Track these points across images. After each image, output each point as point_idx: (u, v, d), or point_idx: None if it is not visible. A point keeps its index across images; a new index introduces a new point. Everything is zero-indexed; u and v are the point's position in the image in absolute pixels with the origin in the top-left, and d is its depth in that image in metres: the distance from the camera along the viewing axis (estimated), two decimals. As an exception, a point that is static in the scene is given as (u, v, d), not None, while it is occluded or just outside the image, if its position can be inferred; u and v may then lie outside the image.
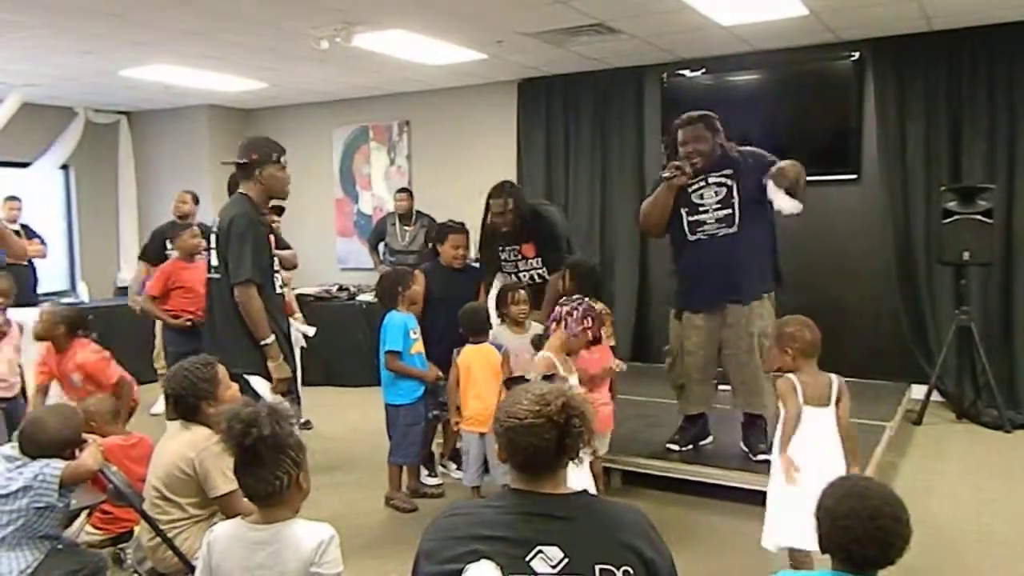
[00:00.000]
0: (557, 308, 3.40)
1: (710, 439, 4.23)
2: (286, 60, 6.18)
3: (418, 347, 4.01)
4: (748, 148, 3.95)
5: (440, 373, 4.01)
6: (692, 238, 3.90)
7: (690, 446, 4.18)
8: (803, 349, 2.91)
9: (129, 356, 6.75)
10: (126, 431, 3.41)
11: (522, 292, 4.07)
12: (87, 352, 3.83)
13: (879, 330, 5.94)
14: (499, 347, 3.92)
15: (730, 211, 3.81)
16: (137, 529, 3.25)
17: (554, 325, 3.37)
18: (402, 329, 3.93)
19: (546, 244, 4.32)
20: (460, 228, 4.34)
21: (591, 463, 3.53)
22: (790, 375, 2.92)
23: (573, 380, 3.26)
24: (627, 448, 4.10)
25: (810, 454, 2.80)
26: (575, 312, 3.32)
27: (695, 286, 3.98)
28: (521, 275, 4.38)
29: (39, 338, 3.93)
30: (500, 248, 4.39)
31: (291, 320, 4.90)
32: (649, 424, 4.35)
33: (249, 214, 3.39)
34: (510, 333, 4.03)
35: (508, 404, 1.61)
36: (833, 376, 2.94)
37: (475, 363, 3.87)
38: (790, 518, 2.73)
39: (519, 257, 4.37)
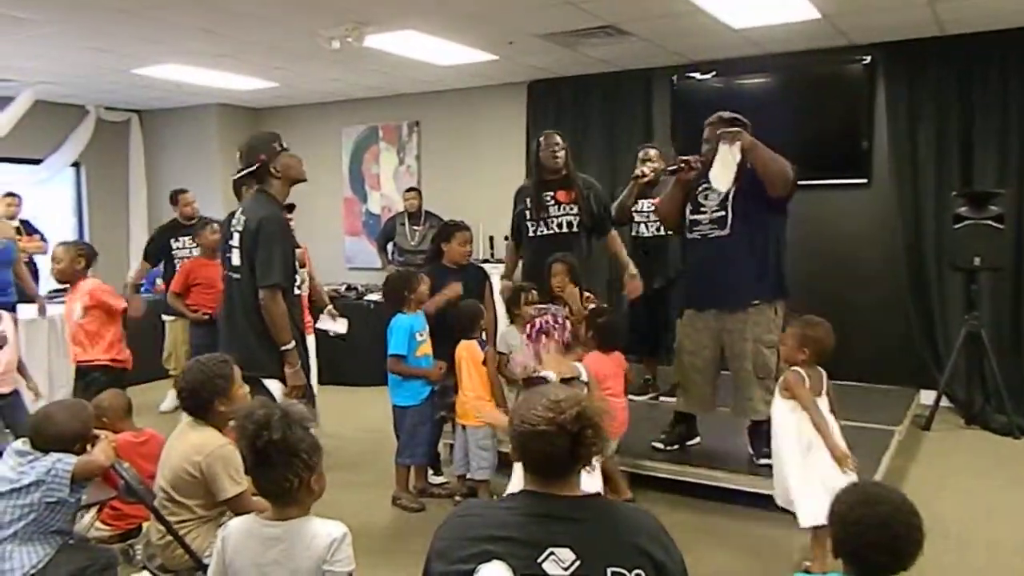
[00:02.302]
0: (530, 326, 3.34)
1: (697, 440, 4.26)
2: (297, 60, 6.20)
3: (425, 348, 4.03)
4: None
5: (443, 366, 4.06)
6: (689, 236, 3.98)
7: (676, 446, 4.21)
8: (819, 353, 3.10)
9: (137, 353, 6.85)
10: (137, 427, 3.44)
11: (535, 293, 4.08)
12: (94, 281, 4.33)
13: (889, 335, 5.91)
14: (482, 344, 4.04)
15: (724, 213, 3.83)
16: (146, 525, 3.28)
17: (536, 342, 3.29)
18: (407, 332, 3.95)
19: (597, 201, 4.53)
20: (464, 225, 4.39)
21: (603, 464, 3.57)
22: (796, 368, 3.13)
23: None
24: (634, 450, 4.10)
25: (817, 439, 3.06)
26: (545, 327, 3.25)
27: (692, 284, 4.07)
28: (551, 220, 4.48)
29: (62, 278, 4.36)
30: (533, 199, 4.50)
31: (323, 314, 4.99)
32: (657, 426, 4.34)
33: (278, 216, 3.36)
34: (519, 334, 4.03)
35: (523, 408, 1.61)
36: (821, 369, 3.21)
37: (463, 358, 4.00)
38: (817, 496, 2.91)
39: (553, 202, 4.49)
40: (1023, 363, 5.44)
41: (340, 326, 5.23)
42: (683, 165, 3.91)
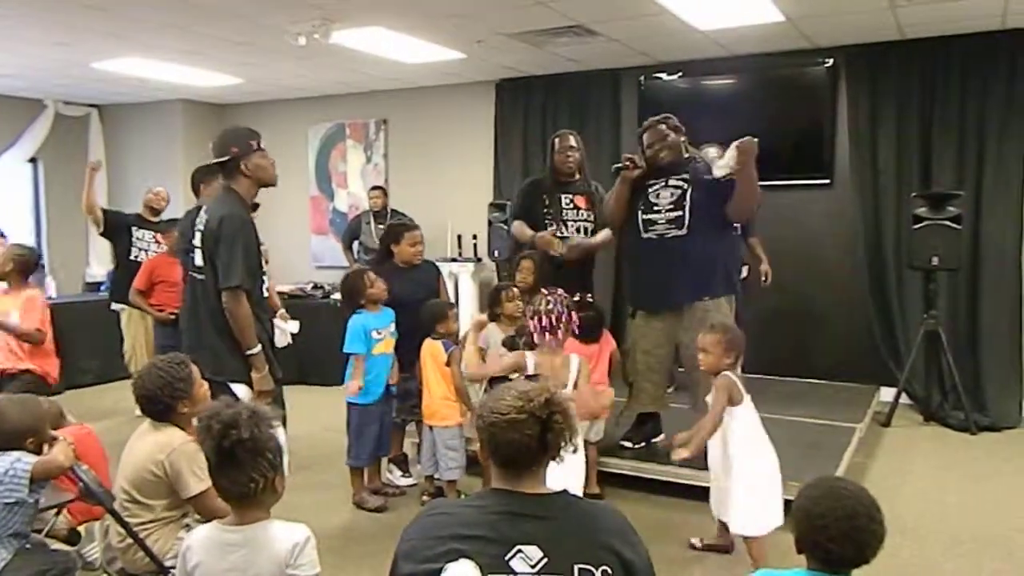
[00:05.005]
0: (533, 322, 3.34)
1: (662, 436, 4.30)
2: (263, 55, 6.13)
3: (382, 347, 3.99)
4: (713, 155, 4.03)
5: (397, 374, 4.05)
6: (644, 236, 3.97)
7: (643, 444, 4.25)
8: (740, 356, 3.16)
9: (98, 352, 6.73)
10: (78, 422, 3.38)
11: (515, 290, 4.07)
12: (35, 292, 4.30)
13: (849, 333, 6.02)
14: (447, 345, 3.97)
15: (680, 213, 3.85)
16: (96, 526, 3.21)
17: (545, 337, 3.30)
18: (360, 330, 3.93)
19: (600, 205, 4.48)
20: (414, 225, 4.37)
21: (587, 451, 3.61)
22: (729, 373, 3.11)
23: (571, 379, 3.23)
24: (600, 447, 4.12)
25: (755, 441, 3.10)
26: (559, 315, 3.26)
27: (645, 285, 4.06)
28: (569, 224, 4.47)
29: None
30: (551, 198, 4.48)
31: (275, 318, 4.90)
32: (623, 425, 4.37)
33: (241, 214, 3.23)
34: (499, 333, 4.01)
35: (491, 401, 1.62)
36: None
37: (427, 358, 3.98)
38: (761, 505, 3.02)
39: (571, 206, 4.50)
40: (979, 361, 5.57)
41: (292, 327, 5.14)
42: (628, 163, 3.94)
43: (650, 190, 3.95)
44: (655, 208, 3.92)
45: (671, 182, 3.91)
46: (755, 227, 5.29)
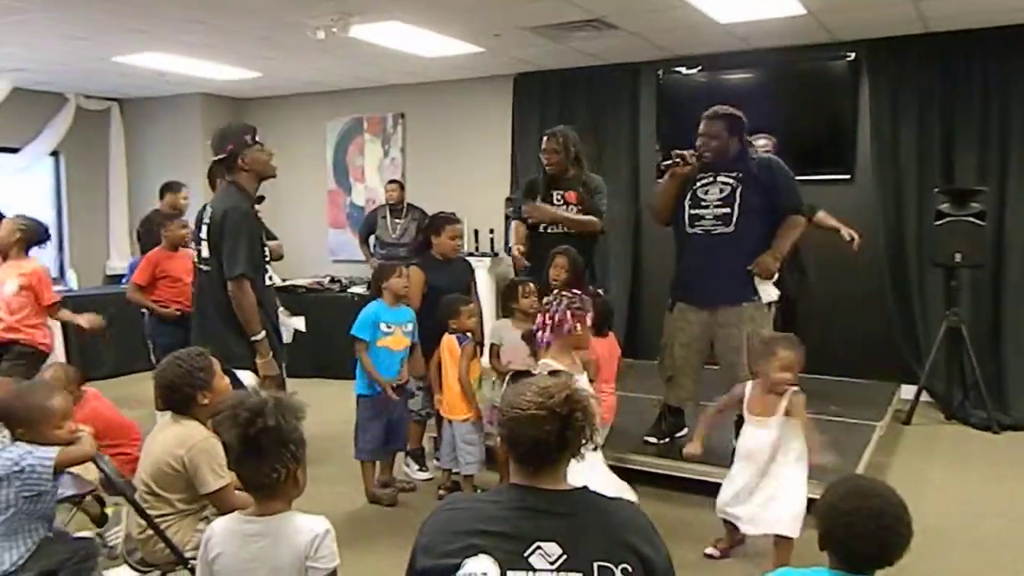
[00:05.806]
0: (540, 316, 3.34)
1: (685, 431, 4.28)
2: (281, 50, 6.14)
3: (387, 341, 3.98)
4: (768, 157, 3.98)
5: (392, 393, 4.00)
6: (690, 231, 3.94)
7: (667, 439, 4.23)
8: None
9: (119, 344, 6.78)
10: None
11: (531, 285, 4.05)
12: (41, 264, 4.39)
13: (870, 330, 5.96)
14: (461, 339, 3.96)
15: (729, 210, 3.82)
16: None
17: (545, 332, 3.30)
18: (371, 318, 3.94)
19: (594, 196, 4.45)
20: (455, 218, 4.35)
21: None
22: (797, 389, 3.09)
23: (583, 381, 3.17)
24: (618, 444, 4.10)
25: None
26: (557, 314, 3.26)
27: (688, 279, 4.03)
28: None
29: None
30: (544, 196, 4.47)
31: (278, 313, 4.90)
32: (642, 420, 4.35)
33: (243, 206, 3.35)
34: (513, 329, 4.00)
35: (512, 396, 1.61)
36: None
37: (444, 352, 3.98)
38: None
39: (562, 202, 4.47)
40: (1002, 359, 5.50)
41: (297, 323, 5.13)
42: (678, 160, 3.88)
43: (698, 185, 3.90)
44: (703, 204, 3.88)
45: (720, 178, 3.86)
46: (808, 207, 4.75)
